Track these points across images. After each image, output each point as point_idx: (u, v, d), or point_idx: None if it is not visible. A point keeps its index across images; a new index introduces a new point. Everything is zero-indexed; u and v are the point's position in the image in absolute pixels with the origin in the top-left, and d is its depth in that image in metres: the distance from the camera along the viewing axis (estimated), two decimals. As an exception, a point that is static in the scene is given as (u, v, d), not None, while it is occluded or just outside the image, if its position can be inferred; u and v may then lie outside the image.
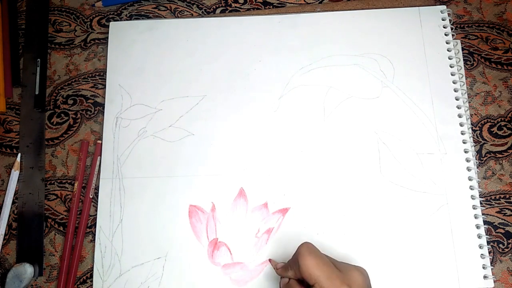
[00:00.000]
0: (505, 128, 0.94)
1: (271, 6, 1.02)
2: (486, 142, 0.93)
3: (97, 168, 0.93)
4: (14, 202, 0.93)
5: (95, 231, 0.90)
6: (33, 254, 0.91)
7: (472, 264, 0.86)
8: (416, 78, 0.95)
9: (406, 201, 0.89)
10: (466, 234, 0.87)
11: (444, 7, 0.98)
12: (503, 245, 0.88)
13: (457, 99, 0.93)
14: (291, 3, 1.02)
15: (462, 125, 0.92)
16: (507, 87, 0.95)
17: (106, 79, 0.98)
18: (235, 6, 1.02)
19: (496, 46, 0.98)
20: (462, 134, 0.91)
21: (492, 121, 0.94)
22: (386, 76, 0.95)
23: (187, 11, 1.03)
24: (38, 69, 0.99)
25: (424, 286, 0.85)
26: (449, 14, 0.98)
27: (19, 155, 0.95)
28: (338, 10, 1.00)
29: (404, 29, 0.98)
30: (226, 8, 1.03)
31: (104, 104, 0.97)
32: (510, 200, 0.90)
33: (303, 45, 0.98)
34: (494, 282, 0.85)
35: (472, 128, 0.93)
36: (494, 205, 0.90)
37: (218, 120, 0.94)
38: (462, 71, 0.96)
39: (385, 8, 1.00)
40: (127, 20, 1.03)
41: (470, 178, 0.89)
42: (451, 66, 0.95)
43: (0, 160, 0.96)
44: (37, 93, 0.98)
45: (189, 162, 0.92)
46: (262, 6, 1.02)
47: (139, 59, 0.99)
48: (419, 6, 0.99)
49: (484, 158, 0.92)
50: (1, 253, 0.91)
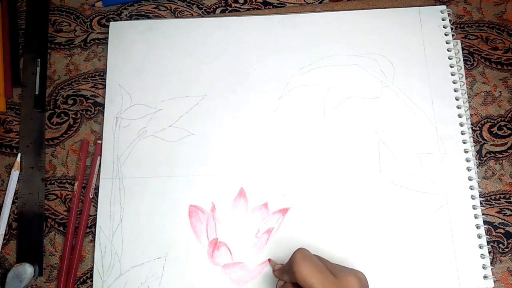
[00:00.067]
0: (505, 128, 0.94)
1: (271, 6, 1.02)
2: (486, 142, 0.93)
3: (97, 168, 0.93)
4: (14, 202, 0.93)
5: (95, 231, 0.90)
6: (33, 254, 0.91)
7: (472, 264, 0.86)
8: (416, 78, 0.95)
9: (406, 201, 0.89)
10: (466, 234, 0.87)
11: (444, 7, 0.98)
12: (503, 245, 0.88)
13: (457, 99, 0.93)
14: (291, 3, 1.02)
15: (462, 125, 0.92)
16: (507, 87, 0.95)
17: (106, 79, 0.98)
18: (235, 6, 1.02)
19: (496, 46, 0.98)
20: (462, 134, 0.91)
21: (492, 121, 0.94)
22: (386, 76, 0.95)
23: (187, 11, 1.03)
24: (38, 69, 0.99)
25: (424, 286, 0.85)
26: (449, 14, 0.98)
27: (19, 155, 0.95)
28: (338, 10, 1.00)
29: (404, 29, 0.98)
30: (226, 8, 1.03)
31: (104, 104, 0.96)
32: (510, 200, 0.90)
33: (303, 45, 0.98)
34: (494, 282, 0.85)
35: (472, 128, 0.93)
36: (494, 205, 0.90)
37: (218, 120, 0.94)
38: (462, 71, 0.96)
39: (385, 8, 1.00)
40: (127, 20, 1.03)
41: (470, 178, 0.89)
42: (451, 66, 0.95)
43: (0, 160, 0.96)
44: (37, 93, 0.98)
45: (189, 162, 0.92)
46: (262, 6, 1.02)
47: (139, 59, 0.99)
48: (419, 6, 0.99)
49: (484, 158, 0.92)
50: (1, 253, 0.91)
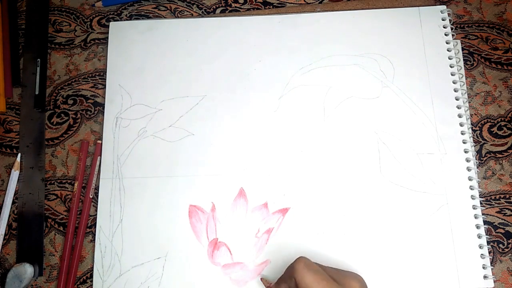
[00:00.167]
0: (505, 128, 0.93)
1: (271, 6, 1.02)
2: (486, 142, 0.93)
3: (97, 168, 0.93)
4: (14, 202, 0.93)
5: (95, 231, 0.90)
6: (33, 254, 0.90)
7: (472, 264, 0.86)
8: (416, 78, 0.95)
9: (406, 201, 0.89)
10: (466, 234, 0.87)
11: (444, 7, 0.98)
12: (503, 245, 0.88)
13: (457, 99, 0.93)
14: (291, 3, 1.02)
15: (462, 125, 0.92)
16: (507, 87, 0.95)
17: (106, 79, 0.98)
18: (235, 6, 1.02)
19: (496, 46, 0.98)
20: (462, 134, 0.91)
21: (492, 121, 0.94)
22: (386, 76, 0.95)
23: (187, 11, 1.03)
24: (38, 69, 0.99)
25: (424, 286, 0.85)
26: (449, 14, 0.98)
27: (19, 155, 0.95)
28: (338, 10, 1.00)
29: (404, 29, 0.98)
30: (226, 8, 1.03)
31: (104, 104, 0.97)
32: (510, 200, 0.90)
33: (303, 45, 0.98)
34: (494, 282, 0.85)
35: (472, 128, 0.93)
36: (494, 205, 0.90)
37: (218, 120, 0.94)
38: (462, 71, 0.96)
39: (385, 8, 1.00)
40: (127, 20, 1.03)
41: (470, 178, 0.89)
42: (451, 66, 0.95)
43: (0, 160, 0.96)
44: (37, 93, 0.98)
45: (189, 162, 0.92)
46: (262, 6, 1.02)
47: (139, 59, 0.99)
48: (419, 6, 0.99)
49: (484, 158, 0.92)
50: (1, 253, 0.91)
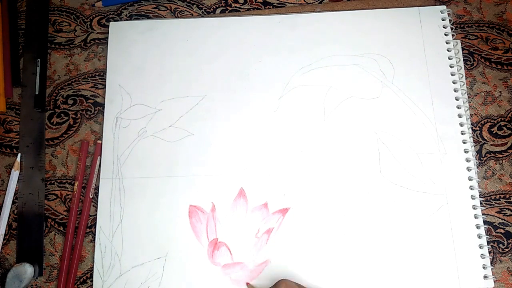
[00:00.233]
0: (505, 128, 0.94)
1: (271, 6, 1.02)
2: (486, 142, 0.93)
3: (97, 168, 0.93)
4: (14, 202, 0.93)
5: (95, 231, 0.90)
6: (33, 254, 0.90)
7: (472, 264, 0.86)
8: (416, 78, 0.95)
9: (406, 201, 0.89)
10: (466, 234, 0.87)
11: (444, 7, 0.98)
12: (503, 245, 0.88)
13: (457, 99, 0.93)
14: (291, 3, 1.02)
15: (462, 125, 0.92)
16: (507, 87, 0.95)
17: (106, 79, 0.98)
18: (235, 6, 1.02)
19: (496, 46, 0.98)
20: (462, 134, 0.91)
21: (492, 121, 0.94)
22: (386, 76, 0.95)
23: (187, 11, 1.03)
24: (38, 69, 0.99)
25: (424, 286, 0.85)
26: (449, 14, 0.98)
27: (19, 155, 0.95)
28: (338, 10, 1.00)
29: (404, 29, 0.98)
30: (226, 8, 1.03)
31: (104, 104, 0.97)
32: (510, 200, 0.90)
33: (303, 45, 0.98)
34: (494, 282, 0.85)
35: (472, 128, 0.93)
36: (494, 205, 0.90)
37: (218, 120, 0.94)
38: (462, 71, 0.96)
39: (385, 8, 1.00)
40: (127, 20, 1.03)
41: (470, 178, 0.89)
42: (451, 66, 0.95)
43: (0, 160, 0.96)
44: (37, 93, 0.98)
45: (189, 162, 0.92)
46: (262, 6, 1.02)
47: (139, 59, 0.99)
48: (419, 6, 0.99)
49: (484, 158, 0.92)
50: (1, 253, 0.91)
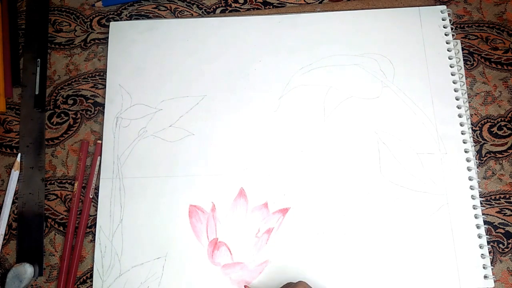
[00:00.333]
0: (505, 128, 0.94)
1: (271, 6, 1.02)
2: (486, 142, 0.93)
3: (97, 168, 0.93)
4: (14, 202, 0.93)
5: (95, 231, 0.90)
6: (33, 254, 0.90)
7: (472, 264, 0.86)
8: (416, 78, 0.95)
9: (406, 201, 0.89)
10: (467, 234, 0.87)
11: (444, 7, 0.98)
12: (503, 245, 0.88)
13: (457, 99, 0.93)
14: (291, 3, 1.02)
15: (462, 125, 0.92)
16: (507, 87, 0.95)
17: (106, 79, 0.98)
18: (235, 6, 1.02)
19: (496, 46, 0.98)
20: (462, 134, 0.91)
21: (492, 121, 0.94)
22: (386, 76, 0.95)
23: (187, 11, 1.03)
24: (38, 69, 0.99)
25: (424, 286, 0.85)
26: (449, 14, 0.98)
27: (19, 155, 0.95)
28: (338, 10, 1.00)
29: (404, 29, 0.98)
30: (226, 8, 1.02)
31: (104, 104, 0.97)
32: (510, 200, 0.90)
33: (303, 45, 0.98)
34: (494, 282, 0.85)
35: (472, 128, 0.93)
36: (494, 205, 0.90)
37: (218, 120, 0.94)
38: (462, 71, 0.96)
39: (385, 8, 1.00)
40: (127, 20, 1.02)
41: (471, 178, 0.89)
42: (451, 66, 0.95)
43: (0, 160, 0.96)
44: (37, 93, 0.98)
45: (189, 162, 0.92)
46: (262, 6, 1.02)
47: (139, 59, 0.99)
48: (419, 6, 0.99)
49: (484, 158, 0.92)
50: (1, 253, 0.91)
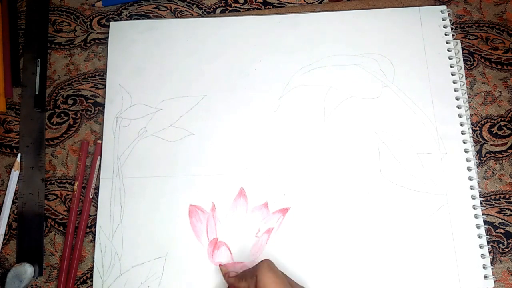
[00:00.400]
0: (505, 128, 0.94)
1: (271, 6, 1.02)
2: (486, 142, 0.93)
3: (97, 168, 0.93)
4: (14, 202, 0.93)
5: (95, 231, 0.90)
6: (33, 254, 0.90)
7: (472, 264, 0.86)
8: (416, 78, 0.95)
9: (406, 201, 0.89)
10: (467, 234, 0.87)
11: (444, 7, 0.98)
12: (503, 245, 0.88)
13: (457, 99, 0.93)
14: (291, 3, 1.02)
15: (462, 125, 0.92)
16: (507, 87, 0.95)
17: (106, 79, 0.98)
18: (235, 6, 1.02)
19: (496, 46, 0.98)
20: (463, 134, 0.91)
21: (492, 121, 0.94)
22: (386, 76, 0.95)
23: (187, 11, 1.03)
24: (38, 69, 0.99)
25: (425, 285, 0.85)
26: (449, 14, 0.98)
27: (19, 155, 0.95)
28: (338, 10, 1.00)
29: (404, 29, 0.98)
30: (226, 8, 1.03)
31: (104, 104, 0.97)
32: (510, 200, 0.90)
33: (303, 45, 0.98)
34: (494, 282, 0.85)
35: (472, 128, 0.93)
36: (494, 205, 0.90)
37: (218, 120, 0.94)
38: (462, 71, 0.96)
39: (385, 8, 1.00)
40: (127, 20, 1.02)
41: (471, 178, 0.89)
42: (451, 66, 0.95)
43: (0, 160, 0.96)
44: (37, 93, 0.98)
45: (189, 162, 0.92)
46: (262, 6, 1.02)
47: (140, 59, 0.99)
48: (419, 6, 0.99)
49: (484, 158, 0.92)
50: (1, 253, 0.91)
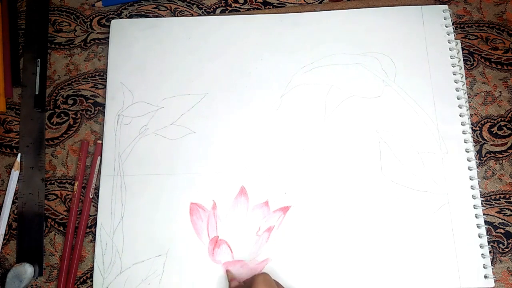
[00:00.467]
0: (505, 128, 0.94)
1: (271, 6, 1.02)
2: (486, 142, 0.93)
3: (97, 168, 0.93)
4: (14, 202, 0.93)
5: (95, 231, 0.90)
6: (33, 254, 0.90)
7: (473, 263, 0.86)
8: (418, 77, 0.95)
9: (407, 200, 0.89)
10: (467, 233, 0.87)
11: (446, 7, 0.99)
12: (503, 245, 0.88)
13: (458, 99, 0.93)
14: (291, 3, 1.02)
15: (463, 124, 0.92)
16: (507, 87, 0.96)
17: (106, 78, 0.98)
18: (235, 6, 1.03)
19: (496, 46, 0.98)
20: (464, 133, 0.91)
21: (492, 121, 0.94)
22: (387, 75, 0.95)
23: (187, 11, 1.03)
24: (38, 69, 0.99)
25: (425, 285, 0.85)
26: (450, 14, 0.98)
27: (19, 155, 0.95)
28: (338, 10, 1.01)
29: (406, 28, 0.98)
30: (226, 8, 1.03)
31: (104, 104, 0.97)
32: (510, 200, 0.90)
33: (305, 43, 0.98)
34: (495, 282, 0.85)
35: (472, 128, 0.93)
36: (494, 205, 0.90)
37: (220, 118, 0.94)
38: (462, 71, 0.96)
39: (384, 7, 1.01)
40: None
41: (471, 178, 0.90)
42: (453, 66, 0.95)
43: (0, 160, 0.96)
44: (37, 93, 0.98)
45: (190, 160, 0.92)
46: (262, 6, 1.02)
47: (141, 57, 0.99)
48: (420, 5, 0.99)
49: (484, 158, 0.92)
50: (1, 253, 0.91)
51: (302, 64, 0.97)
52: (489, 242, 0.87)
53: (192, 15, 1.02)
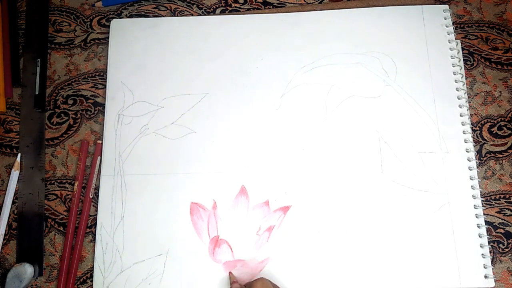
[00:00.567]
0: (505, 128, 0.94)
1: (271, 6, 1.02)
2: (486, 142, 0.93)
3: (97, 168, 0.93)
4: (14, 202, 0.93)
5: (95, 231, 0.90)
6: (33, 254, 0.90)
7: (473, 263, 0.86)
8: (418, 77, 0.95)
9: (407, 200, 0.89)
10: (467, 233, 0.87)
11: (446, 7, 0.99)
12: (503, 245, 0.88)
13: (458, 99, 0.93)
14: (291, 3, 1.02)
15: (464, 124, 0.92)
16: (507, 87, 0.96)
17: (106, 78, 0.98)
18: (235, 6, 1.03)
19: (496, 46, 0.98)
20: (464, 133, 0.91)
21: (492, 121, 0.94)
22: (388, 74, 0.95)
23: (187, 11, 1.03)
24: (38, 69, 0.99)
25: (425, 284, 0.85)
26: (450, 14, 0.98)
27: (19, 155, 0.95)
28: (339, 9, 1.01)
29: (407, 27, 0.98)
30: (226, 8, 1.03)
31: (104, 104, 0.97)
32: (510, 200, 0.90)
33: (305, 43, 0.98)
34: (495, 282, 0.85)
35: (472, 128, 0.93)
36: (494, 205, 0.90)
37: (220, 117, 0.94)
38: (462, 71, 0.96)
39: (384, 7, 1.01)
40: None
41: (472, 178, 0.90)
42: (453, 66, 0.95)
43: (0, 160, 0.96)
44: (37, 93, 0.98)
45: (190, 160, 0.92)
46: (262, 6, 1.02)
47: (141, 57, 0.99)
48: (420, 5, 1.00)
49: (484, 158, 0.92)
50: (1, 253, 0.90)
51: (303, 63, 0.97)
52: (489, 242, 0.87)
53: (192, 15, 1.02)
